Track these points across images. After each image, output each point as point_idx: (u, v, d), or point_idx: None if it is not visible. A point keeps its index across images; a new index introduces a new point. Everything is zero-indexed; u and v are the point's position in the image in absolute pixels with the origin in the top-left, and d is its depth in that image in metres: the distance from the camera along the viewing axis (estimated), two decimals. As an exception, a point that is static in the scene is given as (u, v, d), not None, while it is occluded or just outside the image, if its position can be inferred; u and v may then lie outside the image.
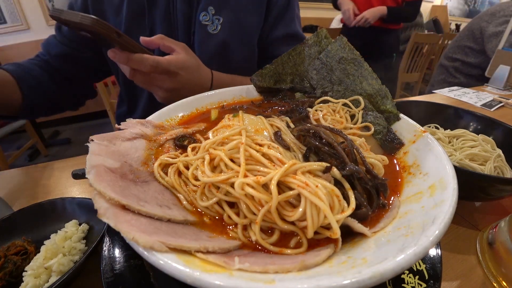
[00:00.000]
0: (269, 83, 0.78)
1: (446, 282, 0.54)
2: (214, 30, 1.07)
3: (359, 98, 0.66)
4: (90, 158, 0.40)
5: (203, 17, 1.05)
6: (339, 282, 0.26)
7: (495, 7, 2.12)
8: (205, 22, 1.06)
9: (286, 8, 1.19)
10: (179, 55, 0.85)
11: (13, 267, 0.52)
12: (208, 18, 1.06)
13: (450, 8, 7.23)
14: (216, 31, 1.07)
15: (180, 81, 0.84)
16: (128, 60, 0.76)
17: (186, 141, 0.57)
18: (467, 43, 2.24)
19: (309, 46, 0.78)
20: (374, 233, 0.37)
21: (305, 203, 0.34)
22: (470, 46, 2.22)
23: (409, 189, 0.46)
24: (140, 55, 0.77)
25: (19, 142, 3.39)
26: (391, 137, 0.58)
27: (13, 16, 3.89)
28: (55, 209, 0.63)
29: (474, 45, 2.19)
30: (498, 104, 1.47)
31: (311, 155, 0.47)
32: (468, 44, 2.23)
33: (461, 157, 0.75)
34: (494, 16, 2.05)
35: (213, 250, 0.33)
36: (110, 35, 0.69)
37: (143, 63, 0.77)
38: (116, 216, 0.32)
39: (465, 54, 2.26)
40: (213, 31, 1.07)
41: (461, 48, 2.29)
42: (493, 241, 0.59)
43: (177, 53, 0.86)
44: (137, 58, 0.76)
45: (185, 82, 0.85)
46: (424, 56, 3.98)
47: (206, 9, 1.05)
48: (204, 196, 0.42)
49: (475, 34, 2.18)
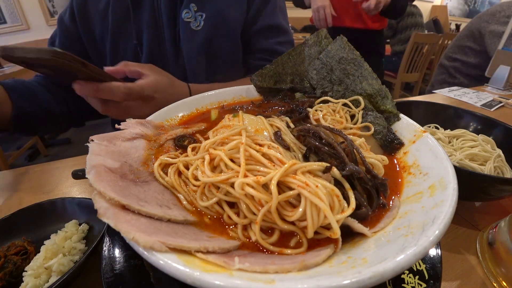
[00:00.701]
0: (269, 83, 0.78)
1: (446, 282, 0.54)
2: (198, 26, 1.07)
3: (359, 98, 0.66)
4: (90, 158, 0.40)
5: (185, 15, 1.06)
6: (339, 282, 0.26)
7: (495, 7, 2.12)
8: (188, 19, 1.06)
9: (267, 0, 1.19)
10: (149, 77, 0.82)
11: (13, 267, 0.52)
12: (190, 15, 1.06)
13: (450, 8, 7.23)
14: (199, 27, 1.07)
15: (157, 104, 0.80)
16: (98, 91, 0.70)
17: (186, 141, 0.57)
18: (467, 43, 2.24)
19: (309, 46, 0.78)
20: (374, 233, 0.37)
21: (305, 203, 0.34)
22: (470, 46, 2.22)
23: (409, 189, 0.46)
24: (110, 83, 0.71)
25: (19, 142, 3.39)
26: (391, 137, 0.58)
27: (13, 16, 3.90)
28: (55, 209, 0.63)
29: (474, 45, 2.19)
30: (498, 104, 1.47)
31: (311, 155, 0.47)
32: (468, 44, 2.23)
33: (461, 157, 0.75)
34: (494, 16, 2.05)
35: (213, 250, 0.33)
36: (74, 66, 0.61)
37: (114, 92, 0.72)
38: (116, 216, 0.32)
39: (465, 54, 2.26)
40: (196, 27, 1.07)
41: (461, 48, 2.29)
42: (493, 241, 0.59)
43: (147, 76, 0.83)
44: (108, 87, 0.70)
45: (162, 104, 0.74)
46: (424, 56, 3.98)
47: (188, 6, 1.05)
48: (204, 196, 0.42)
49: (474, 34, 2.18)
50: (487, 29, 2.05)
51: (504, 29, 1.92)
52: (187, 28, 1.07)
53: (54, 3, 4.06)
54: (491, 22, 2.05)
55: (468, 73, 2.25)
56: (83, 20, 1.06)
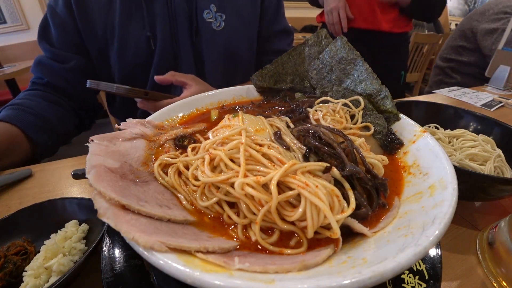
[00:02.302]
0: (269, 83, 0.78)
1: (446, 282, 0.54)
2: (218, 26, 1.10)
3: (359, 98, 0.66)
4: (90, 158, 0.40)
5: (206, 15, 1.07)
6: (339, 282, 0.26)
7: (484, 7, 2.18)
8: (209, 19, 1.08)
9: (278, 5, 1.26)
10: (191, 88, 0.96)
11: (13, 267, 0.52)
12: (211, 15, 1.08)
13: (450, 8, 7.23)
14: (220, 28, 1.10)
15: None
16: (155, 107, 0.91)
17: (186, 141, 0.57)
18: (460, 43, 2.28)
19: (309, 46, 0.78)
20: (374, 233, 0.37)
21: (305, 203, 0.34)
22: (464, 46, 2.25)
23: (409, 189, 0.46)
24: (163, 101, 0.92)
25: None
26: (391, 137, 0.58)
27: (13, 16, 3.90)
28: (55, 209, 0.63)
29: (467, 44, 2.23)
30: (498, 104, 1.47)
31: (311, 155, 0.47)
32: (461, 44, 2.27)
33: (461, 157, 0.74)
34: (484, 15, 2.11)
35: (213, 250, 0.33)
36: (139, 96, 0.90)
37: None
38: (116, 216, 0.32)
39: (459, 53, 2.30)
40: (217, 27, 1.10)
41: (454, 48, 2.33)
42: (493, 241, 0.59)
43: (189, 86, 0.97)
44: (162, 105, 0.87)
45: None
46: (424, 56, 3.98)
47: (208, 7, 1.07)
48: (204, 196, 0.42)
49: (467, 34, 2.22)
50: (479, 28, 2.11)
51: (494, 26, 1.99)
52: (208, 28, 1.08)
53: (54, 3, 4.06)
54: (482, 21, 2.10)
55: (465, 71, 2.28)
56: (82, 13, 1.04)
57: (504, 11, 2.02)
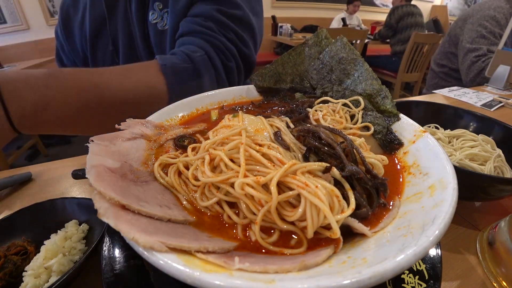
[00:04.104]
0: (269, 83, 0.78)
1: (446, 282, 0.54)
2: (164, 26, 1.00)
3: (359, 98, 0.66)
4: (90, 158, 0.40)
5: (151, 16, 1.00)
6: (339, 282, 0.26)
7: (466, 12, 2.20)
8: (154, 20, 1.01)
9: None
10: None
11: (13, 267, 0.52)
12: (156, 15, 1.00)
13: (450, 8, 7.24)
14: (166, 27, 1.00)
15: None
16: None
17: (186, 141, 0.57)
18: (449, 49, 2.29)
19: (309, 46, 0.78)
20: (374, 233, 0.37)
21: (305, 203, 0.34)
22: (453, 52, 2.27)
23: (409, 189, 0.46)
24: None
25: (19, 142, 3.38)
26: (391, 137, 0.58)
27: (13, 16, 3.90)
28: (55, 209, 0.63)
29: (455, 51, 2.24)
30: (498, 104, 1.47)
31: (311, 155, 0.47)
32: (450, 50, 2.29)
33: (461, 157, 0.74)
34: (466, 22, 2.13)
35: (213, 250, 0.33)
36: None
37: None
38: (116, 216, 0.32)
39: (450, 60, 2.31)
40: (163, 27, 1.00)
41: (446, 55, 2.34)
42: (493, 241, 0.59)
43: None
44: None
45: None
46: (424, 56, 3.99)
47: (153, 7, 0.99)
48: (204, 196, 0.42)
49: (453, 40, 2.24)
50: (461, 35, 2.14)
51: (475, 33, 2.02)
52: (155, 30, 1.01)
53: (54, 3, 4.05)
54: (464, 28, 2.13)
55: (458, 77, 2.27)
56: (67, 30, 1.09)
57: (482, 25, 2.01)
